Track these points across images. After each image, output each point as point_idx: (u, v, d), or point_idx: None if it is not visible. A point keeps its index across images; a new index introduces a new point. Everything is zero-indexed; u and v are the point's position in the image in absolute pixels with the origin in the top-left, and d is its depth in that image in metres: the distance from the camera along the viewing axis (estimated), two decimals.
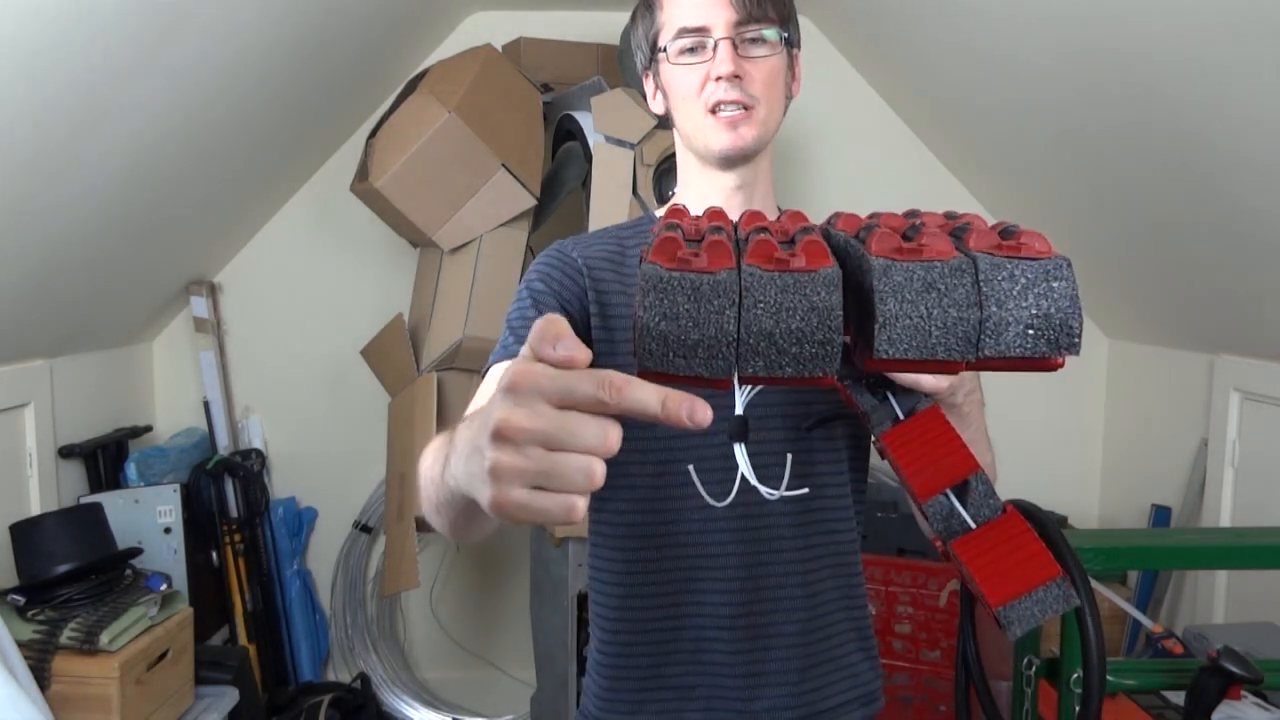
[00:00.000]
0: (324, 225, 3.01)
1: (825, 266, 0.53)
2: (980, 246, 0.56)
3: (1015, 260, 0.54)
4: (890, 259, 0.54)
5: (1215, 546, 1.64)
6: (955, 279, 0.53)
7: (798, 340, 0.52)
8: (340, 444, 3.03)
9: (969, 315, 0.53)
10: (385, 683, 2.92)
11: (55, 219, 2.03)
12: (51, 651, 1.92)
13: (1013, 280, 0.54)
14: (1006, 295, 0.54)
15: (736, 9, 0.98)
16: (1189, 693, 1.34)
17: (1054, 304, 0.54)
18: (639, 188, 2.39)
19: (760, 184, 1.07)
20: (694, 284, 0.52)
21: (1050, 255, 0.55)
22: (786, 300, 0.52)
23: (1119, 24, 1.79)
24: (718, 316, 0.52)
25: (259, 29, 2.09)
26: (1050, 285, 0.54)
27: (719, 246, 0.54)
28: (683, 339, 0.51)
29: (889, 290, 0.53)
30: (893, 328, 0.53)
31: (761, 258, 0.54)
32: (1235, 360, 2.40)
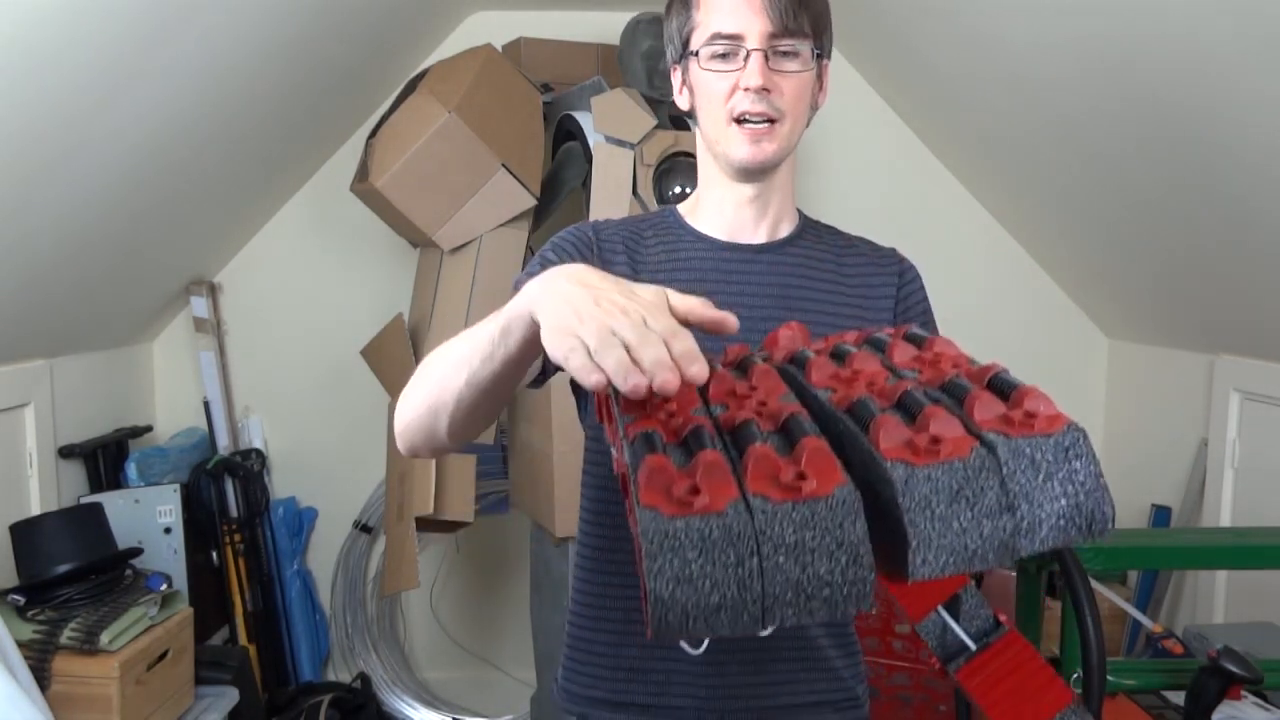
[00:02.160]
0: (324, 225, 3.01)
1: (839, 485, 0.48)
2: (987, 421, 0.51)
3: (1033, 440, 0.50)
4: (908, 464, 0.49)
5: (1215, 546, 1.64)
6: (982, 481, 0.49)
7: (827, 584, 0.47)
8: (340, 444, 3.03)
9: (1003, 523, 0.49)
10: (385, 683, 2.92)
11: (55, 218, 2.03)
12: (51, 651, 1.92)
13: (1035, 468, 0.50)
14: (1033, 488, 0.50)
15: (772, 20, 0.97)
16: (1189, 693, 1.34)
17: (1081, 490, 0.50)
18: (639, 188, 2.39)
19: (777, 194, 1.08)
20: (703, 534, 0.46)
21: (1064, 425, 0.51)
22: (808, 539, 0.47)
23: (1120, 24, 1.79)
24: (737, 571, 0.46)
25: (259, 29, 2.09)
26: (1072, 466, 0.50)
27: (715, 470, 0.48)
28: (702, 604, 0.46)
29: (916, 507, 0.48)
30: (926, 550, 0.48)
31: (766, 482, 0.48)
32: (1235, 360, 2.40)
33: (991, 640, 0.59)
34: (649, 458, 0.50)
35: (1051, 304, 3.09)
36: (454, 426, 0.88)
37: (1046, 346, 3.09)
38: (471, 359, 0.80)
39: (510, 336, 0.74)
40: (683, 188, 2.40)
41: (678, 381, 0.55)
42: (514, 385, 0.87)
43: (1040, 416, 0.52)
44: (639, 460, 0.50)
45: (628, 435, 0.54)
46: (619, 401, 0.58)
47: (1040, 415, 0.52)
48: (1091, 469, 0.50)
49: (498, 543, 3.11)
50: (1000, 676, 0.58)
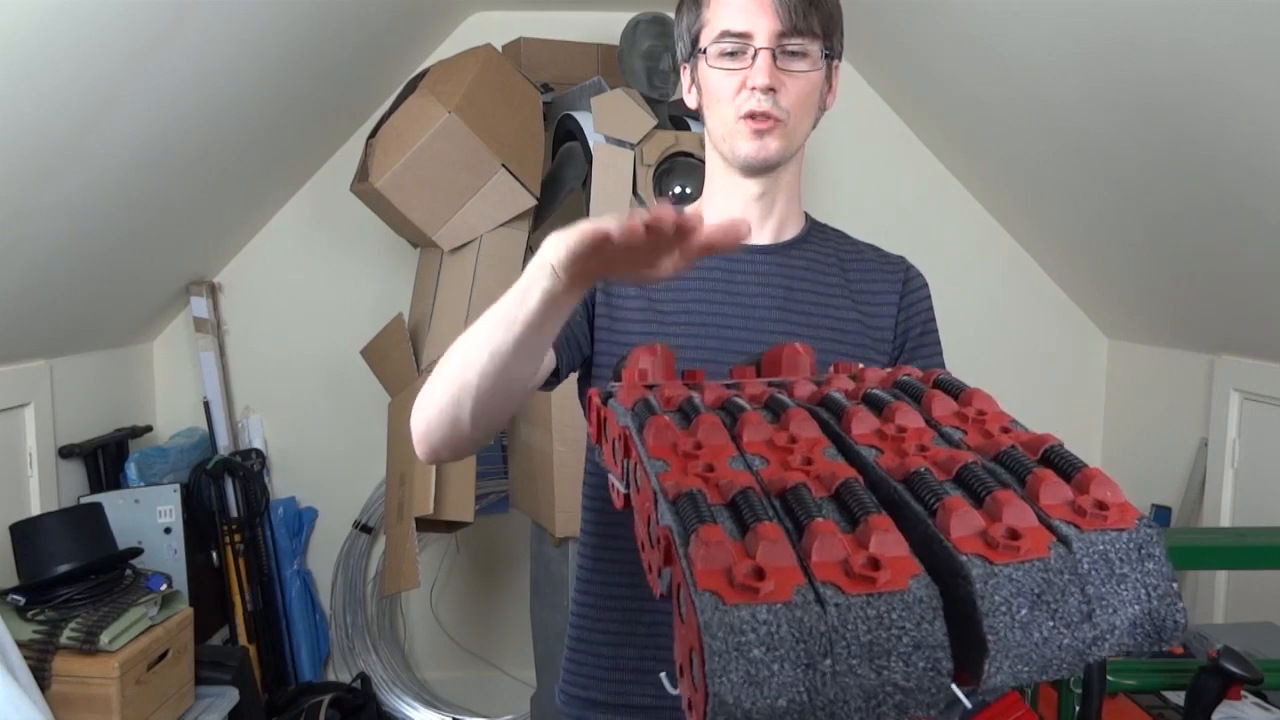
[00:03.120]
0: (324, 225, 3.01)
1: (915, 577, 0.44)
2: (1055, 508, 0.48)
3: (1107, 535, 0.47)
4: (985, 560, 0.45)
5: (1215, 546, 1.64)
6: (1064, 584, 0.46)
7: (901, 690, 0.43)
8: (340, 444, 3.03)
9: (1083, 633, 0.46)
10: (385, 683, 2.92)
11: (55, 219, 2.03)
12: (51, 651, 1.92)
13: (1110, 568, 0.47)
14: (1110, 593, 0.46)
15: (781, 19, 0.97)
16: (1189, 693, 1.34)
17: (1154, 594, 0.47)
18: (639, 188, 2.39)
19: (783, 192, 1.08)
20: (771, 629, 0.42)
21: (1136, 520, 0.48)
22: (883, 638, 0.43)
23: (1121, 25, 1.79)
24: (808, 674, 0.42)
25: (259, 28, 2.09)
26: (1146, 567, 0.47)
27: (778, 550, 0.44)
28: (765, 709, 0.42)
29: (996, 611, 0.44)
30: (1004, 658, 0.44)
31: (835, 568, 0.44)
32: (1235, 360, 2.40)
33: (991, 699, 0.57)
34: (703, 529, 0.45)
35: (1051, 304, 3.09)
36: (478, 410, 0.88)
37: (1046, 346, 3.10)
38: (494, 331, 0.82)
39: (530, 296, 0.76)
40: (683, 188, 2.40)
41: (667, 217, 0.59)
42: (535, 362, 0.88)
43: (1112, 507, 0.48)
44: (689, 529, 0.45)
45: (666, 492, 0.49)
46: (644, 441, 0.55)
47: (1112, 505, 0.48)
48: (1164, 570, 0.47)
49: (498, 543, 3.11)
50: None
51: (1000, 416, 0.58)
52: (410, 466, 2.44)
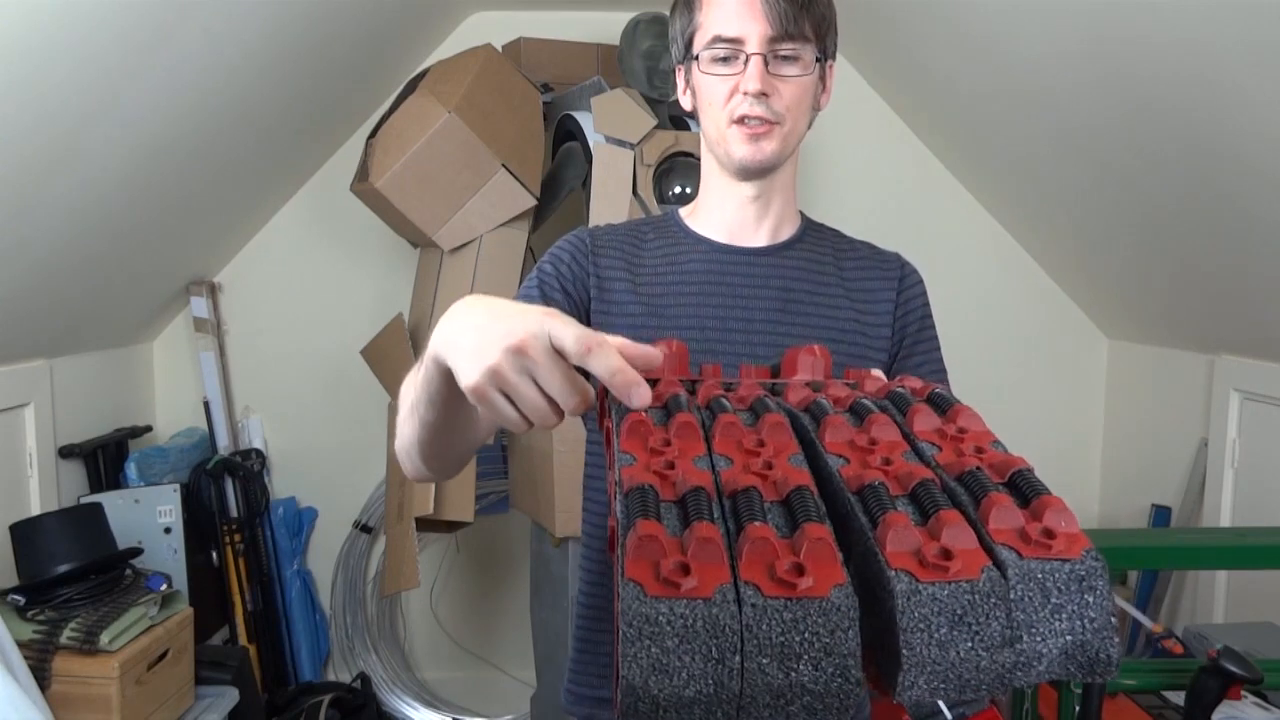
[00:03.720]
0: (324, 225, 3.01)
1: (837, 586, 0.45)
2: (1002, 533, 0.48)
3: (1047, 564, 0.47)
4: (913, 577, 0.46)
5: (1215, 546, 1.64)
6: (989, 608, 0.46)
7: (809, 692, 0.44)
8: (340, 444, 3.03)
9: (1004, 657, 0.46)
10: (385, 683, 2.92)
11: (55, 219, 2.03)
12: (51, 651, 1.92)
13: (1044, 595, 0.47)
14: (1038, 619, 0.47)
15: (773, 24, 0.97)
16: (1189, 693, 1.34)
17: (1089, 627, 0.47)
18: (639, 188, 2.39)
19: (778, 194, 1.08)
20: (686, 621, 0.44)
21: (1082, 552, 0.48)
22: (795, 641, 0.44)
23: (1122, 25, 1.79)
24: (716, 667, 0.44)
25: (259, 28, 2.09)
26: (1084, 599, 0.47)
27: (709, 549, 0.46)
28: (675, 697, 0.44)
29: (914, 627, 0.45)
30: (918, 673, 0.45)
31: (760, 570, 0.45)
32: (1235, 360, 2.40)
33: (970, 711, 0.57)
34: (641, 522, 0.47)
35: (1051, 304, 3.09)
36: (430, 463, 0.89)
37: (1046, 346, 3.10)
38: (418, 404, 0.79)
39: (432, 384, 0.73)
40: (683, 188, 2.40)
41: (556, 420, 0.60)
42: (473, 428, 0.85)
43: (1060, 536, 0.48)
44: (631, 522, 0.47)
45: (622, 484, 0.51)
46: (619, 435, 0.56)
47: (1060, 534, 0.48)
48: (1104, 605, 0.47)
49: (498, 543, 3.11)
50: None
51: (981, 436, 0.58)
52: None
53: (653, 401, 0.60)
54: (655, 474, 0.52)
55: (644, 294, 1.06)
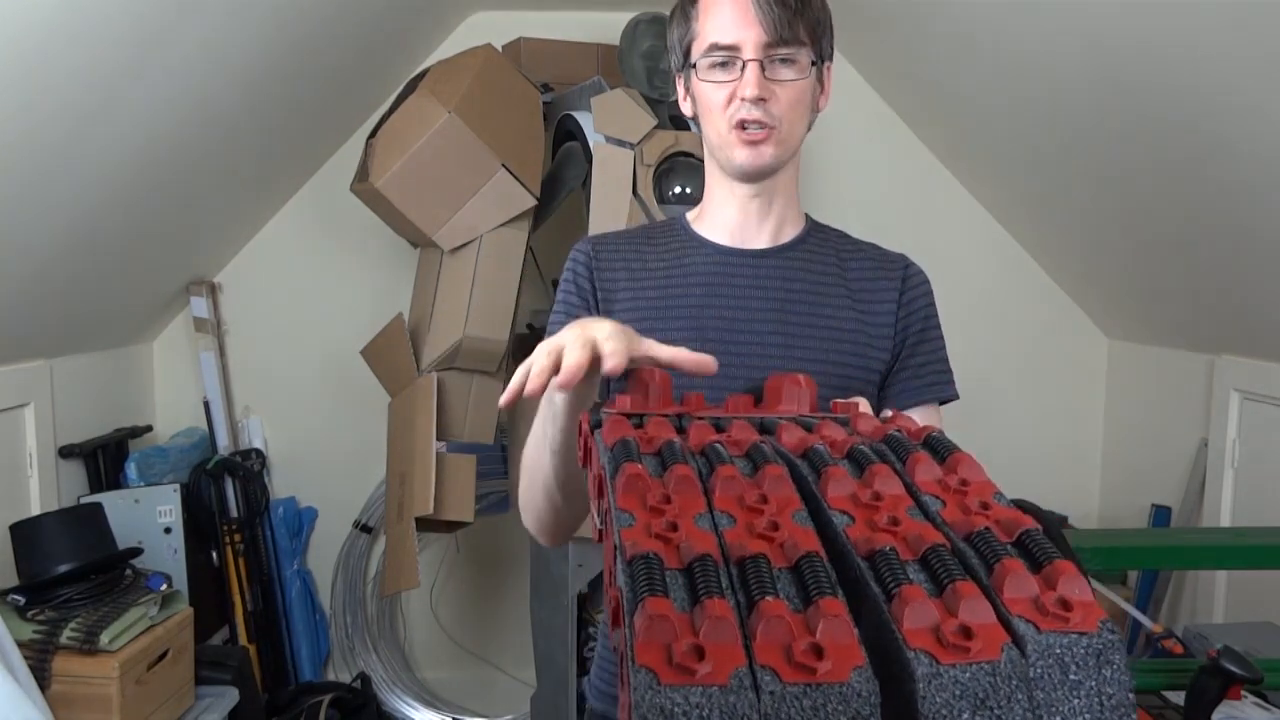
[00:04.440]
0: (324, 225, 3.01)
1: (857, 668, 0.43)
2: (1018, 603, 0.47)
3: (1066, 638, 0.46)
4: (934, 659, 0.44)
5: (1215, 546, 1.64)
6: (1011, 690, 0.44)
7: None
8: (340, 444, 3.03)
9: None
10: (385, 683, 2.92)
11: (55, 219, 2.03)
12: (51, 651, 1.92)
13: (1064, 673, 0.45)
14: (1060, 700, 0.45)
15: (768, 30, 0.98)
16: (1189, 693, 1.33)
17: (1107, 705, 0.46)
18: (639, 188, 2.39)
19: (780, 194, 1.10)
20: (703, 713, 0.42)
21: (1098, 625, 0.46)
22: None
23: (1122, 25, 1.79)
24: None
25: (259, 29, 2.09)
26: (1103, 675, 0.46)
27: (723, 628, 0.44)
28: None
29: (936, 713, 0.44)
30: None
31: (777, 652, 0.44)
32: (1235, 360, 2.40)
33: None
34: (650, 600, 0.45)
35: (1051, 304, 3.09)
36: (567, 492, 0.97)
37: (1046, 346, 3.10)
38: (545, 428, 0.92)
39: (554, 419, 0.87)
40: (683, 188, 2.40)
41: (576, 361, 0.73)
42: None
43: (1076, 607, 0.47)
44: (638, 598, 0.45)
45: (624, 550, 0.49)
46: (614, 489, 0.55)
47: (1075, 605, 0.47)
48: (1122, 679, 0.46)
49: (498, 543, 3.11)
50: None
51: (984, 488, 0.57)
52: (410, 466, 2.44)
53: (645, 447, 0.60)
54: (657, 538, 0.50)
55: (647, 297, 1.08)
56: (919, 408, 1.09)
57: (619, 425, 0.63)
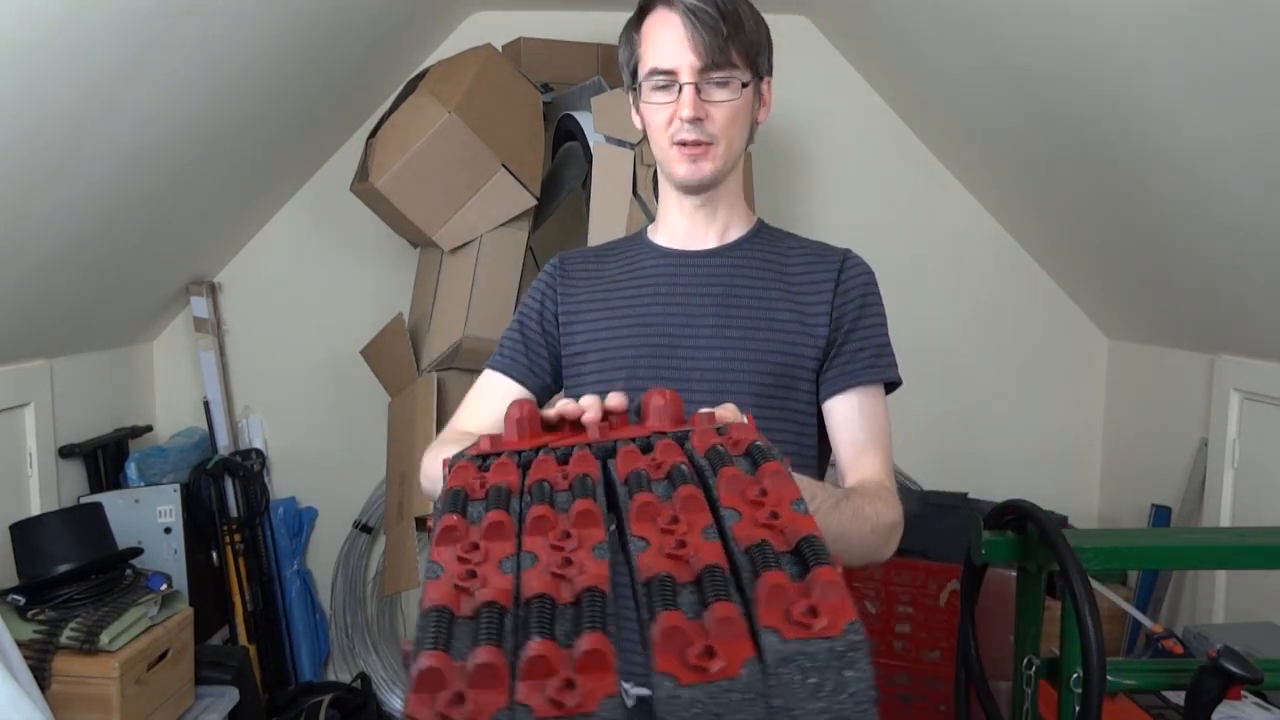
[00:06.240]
0: (324, 225, 3.01)
1: (606, 695, 0.46)
2: (771, 617, 0.50)
3: (807, 644, 0.48)
4: (675, 682, 0.47)
5: (1215, 546, 1.64)
6: (747, 704, 0.47)
7: None
8: (340, 444, 3.03)
9: None
10: (385, 683, 2.92)
11: (55, 219, 2.03)
12: (51, 651, 1.92)
13: (804, 675, 0.48)
14: (798, 699, 0.48)
15: (701, 56, 1.06)
16: (1189, 693, 1.34)
17: (846, 703, 0.48)
18: (639, 188, 2.39)
19: (724, 201, 1.19)
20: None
21: (843, 628, 0.48)
22: None
23: (1120, 25, 1.79)
24: None
25: (259, 28, 2.09)
26: (844, 676, 0.48)
27: (488, 674, 0.47)
28: None
29: None
30: None
31: (536, 693, 0.46)
32: (1235, 360, 2.40)
33: None
34: (425, 655, 0.48)
35: (1051, 304, 3.09)
36: None
37: (1046, 346, 3.10)
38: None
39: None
40: None
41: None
42: None
43: (823, 614, 0.49)
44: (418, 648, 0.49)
45: (424, 598, 0.53)
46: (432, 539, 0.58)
47: (824, 611, 0.49)
48: (863, 680, 0.48)
49: None
50: None
51: (782, 499, 0.60)
52: (410, 466, 2.44)
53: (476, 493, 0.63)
54: (456, 588, 0.54)
55: (604, 300, 1.19)
56: (854, 390, 1.13)
57: (461, 473, 0.67)
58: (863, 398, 1.13)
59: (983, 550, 1.47)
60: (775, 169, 2.95)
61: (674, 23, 1.07)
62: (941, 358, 2.99)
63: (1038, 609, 1.50)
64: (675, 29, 1.07)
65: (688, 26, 1.06)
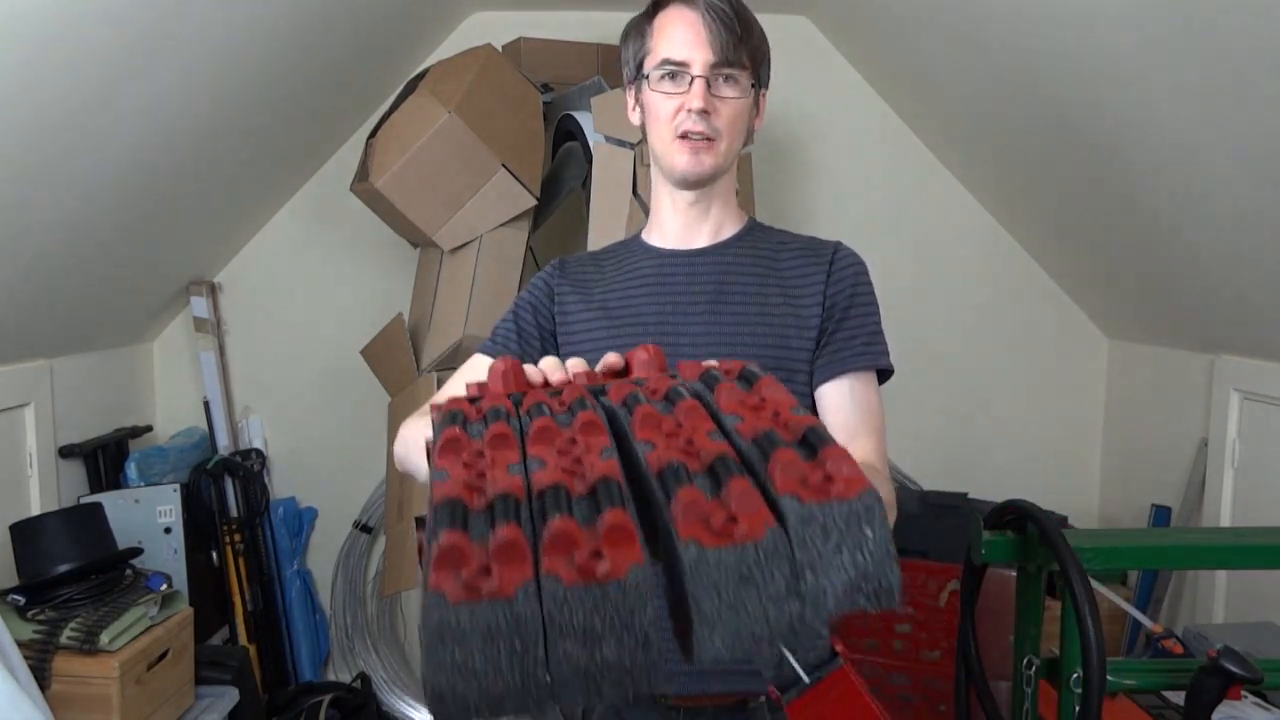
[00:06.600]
0: (324, 225, 3.01)
1: (635, 565, 0.47)
2: (787, 484, 0.52)
3: (826, 506, 0.50)
4: (700, 544, 0.49)
5: (1215, 546, 1.64)
6: (773, 565, 0.49)
7: (614, 667, 0.46)
8: (340, 444, 3.03)
9: (790, 607, 0.49)
10: (385, 683, 2.92)
11: (55, 219, 2.03)
12: (51, 651, 1.92)
13: (825, 534, 0.50)
14: (820, 556, 0.49)
15: (715, 52, 1.10)
16: (1189, 693, 1.34)
17: (869, 558, 0.50)
18: (639, 188, 2.39)
19: (717, 200, 1.21)
20: (488, 623, 0.45)
21: (859, 491, 0.51)
22: (597, 623, 0.46)
23: (1121, 25, 1.79)
24: (522, 660, 0.45)
25: (259, 29, 2.09)
26: (863, 533, 0.50)
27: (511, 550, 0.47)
28: (484, 693, 0.45)
29: (703, 590, 0.48)
30: (710, 633, 0.48)
31: (562, 560, 0.47)
32: (1235, 360, 2.40)
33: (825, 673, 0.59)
34: (445, 533, 0.48)
35: (1051, 304, 3.09)
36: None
37: (1046, 346, 3.10)
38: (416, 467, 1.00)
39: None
40: None
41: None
42: None
43: (838, 480, 0.51)
44: (434, 535, 0.49)
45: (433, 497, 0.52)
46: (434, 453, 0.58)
47: (838, 479, 0.51)
48: (882, 537, 0.50)
49: None
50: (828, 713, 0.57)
51: (782, 403, 0.62)
52: None
53: (473, 415, 0.63)
54: (465, 486, 0.54)
55: (600, 302, 1.21)
56: (846, 375, 1.14)
57: (454, 403, 0.67)
58: (855, 383, 1.14)
59: (983, 550, 1.47)
60: (775, 169, 2.95)
61: (691, 18, 1.11)
62: (941, 358, 2.99)
63: (1038, 609, 1.50)
64: (692, 24, 1.11)
65: (705, 22, 1.10)
